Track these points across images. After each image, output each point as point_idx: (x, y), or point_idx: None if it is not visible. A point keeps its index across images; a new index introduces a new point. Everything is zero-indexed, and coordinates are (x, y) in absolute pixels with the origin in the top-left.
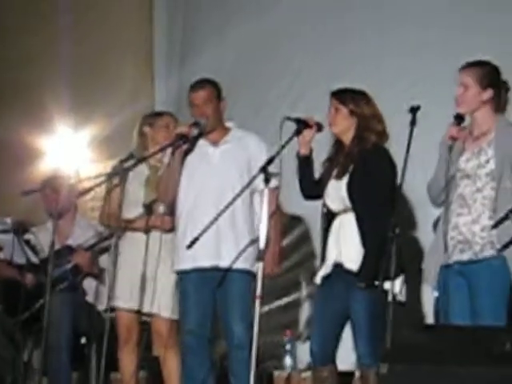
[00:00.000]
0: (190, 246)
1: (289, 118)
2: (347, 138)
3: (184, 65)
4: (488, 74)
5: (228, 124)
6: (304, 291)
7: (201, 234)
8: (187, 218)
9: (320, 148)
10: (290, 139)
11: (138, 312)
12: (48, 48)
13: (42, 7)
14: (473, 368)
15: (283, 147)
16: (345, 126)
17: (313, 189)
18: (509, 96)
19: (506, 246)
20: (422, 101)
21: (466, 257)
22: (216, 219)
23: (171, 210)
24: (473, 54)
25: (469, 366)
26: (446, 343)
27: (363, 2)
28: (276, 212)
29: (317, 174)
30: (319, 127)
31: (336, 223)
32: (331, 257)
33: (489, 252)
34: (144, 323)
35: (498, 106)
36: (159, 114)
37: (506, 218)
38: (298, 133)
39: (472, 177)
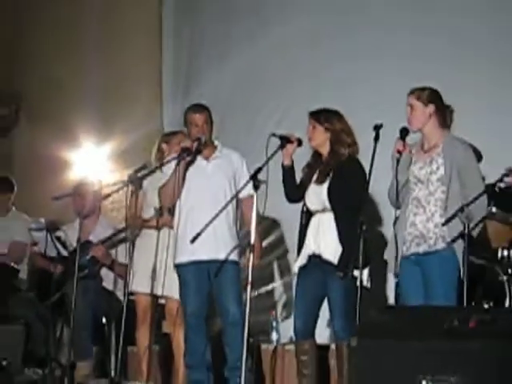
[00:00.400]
0: (193, 241)
1: (274, 135)
2: (324, 150)
3: (187, 93)
4: (427, 94)
5: (215, 142)
6: (282, 281)
7: (203, 230)
8: (186, 219)
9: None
10: (276, 152)
11: (153, 295)
12: (76, 79)
13: (72, 45)
14: (427, 341)
15: (269, 159)
16: (321, 140)
17: (296, 193)
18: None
19: (454, 240)
20: (384, 120)
21: (421, 249)
22: (214, 219)
23: (172, 212)
24: (422, 80)
25: (423, 339)
26: (405, 321)
27: (333, 39)
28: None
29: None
30: (299, 142)
31: (315, 221)
32: (309, 249)
33: (440, 245)
34: (157, 305)
35: (444, 122)
36: (174, 133)
37: (454, 216)
38: (281, 147)
39: (425, 182)
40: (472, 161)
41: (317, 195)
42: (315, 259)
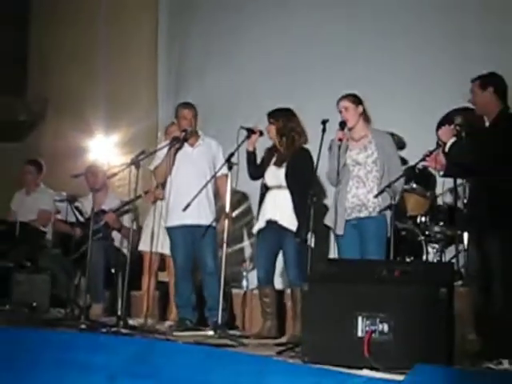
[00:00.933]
0: (185, 209)
1: (242, 127)
2: (280, 142)
3: (178, 96)
4: (356, 98)
5: (199, 132)
6: (249, 241)
7: (191, 201)
8: (176, 193)
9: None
10: (243, 141)
11: (155, 253)
12: (90, 83)
13: (87, 56)
14: (361, 286)
15: (239, 146)
16: (275, 135)
17: (256, 172)
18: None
19: (385, 209)
20: (329, 116)
21: (362, 215)
22: (199, 193)
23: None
24: (359, 85)
25: (359, 284)
26: (346, 270)
27: (290, 54)
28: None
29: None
30: (261, 133)
31: (272, 194)
32: (267, 215)
33: (376, 212)
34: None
35: (367, 118)
36: (171, 125)
37: (383, 191)
38: (248, 137)
39: (362, 164)
40: (395, 148)
41: (275, 175)
42: (272, 224)
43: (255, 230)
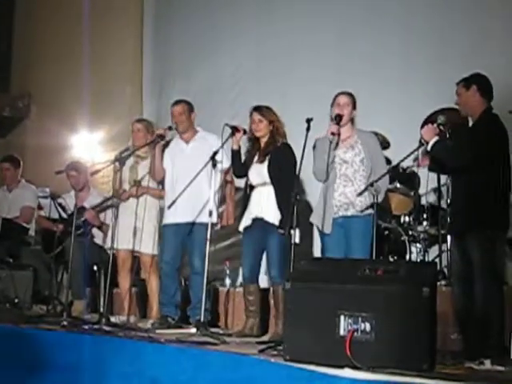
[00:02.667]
0: (169, 207)
1: (227, 125)
2: (264, 138)
3: (162, 94)
4: (355, 99)
5: (197, 128)
6: (236, 238)
7: (175, 201)
8: (170, 191)
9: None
10: (228, 139)
11: (129, 250)
12: (74, 77)
13: (70, 54)
14: (345, 285)
15: (224, 144)
16: (265, 132)
17: (241, 171)
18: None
19: (367, 208)
20: (313, 115)
21: (349, 213)
22: (184, 190)
23: (162, 185)
24: (340, 86)
25: (342, 283)
26: (329, 269)
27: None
28: (232, 183)
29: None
30: (245, 131)
31: (256, 192)
32: (253, 213)
33: (364, 211)
34: (135, 257)
35: (353, 120)
36: (136, 122)
37: (365, 189)
38: (232, 135)
39: (350, 162)
40: (379, 147)
41: (259, 172)
42: (258, 221)
43: (241, 227)
